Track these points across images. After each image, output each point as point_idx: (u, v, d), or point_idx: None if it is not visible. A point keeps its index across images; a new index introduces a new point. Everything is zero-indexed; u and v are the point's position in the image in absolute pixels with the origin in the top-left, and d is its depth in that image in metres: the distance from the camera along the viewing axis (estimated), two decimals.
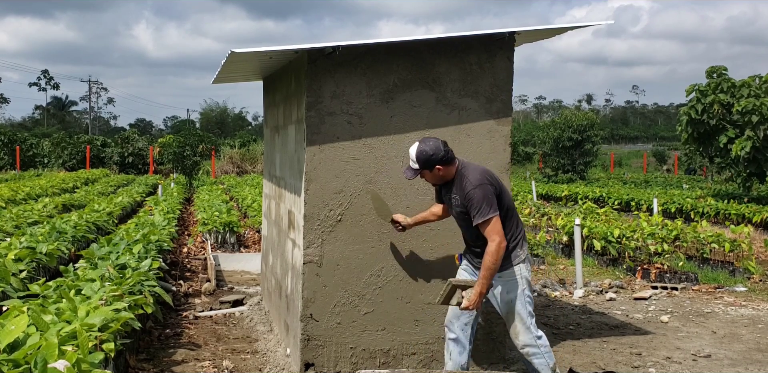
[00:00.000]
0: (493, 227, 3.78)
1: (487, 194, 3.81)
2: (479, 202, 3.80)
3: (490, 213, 3.78)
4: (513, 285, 3.97)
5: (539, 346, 4.00)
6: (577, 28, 4.98)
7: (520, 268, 3.98)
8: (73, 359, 3.24)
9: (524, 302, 3.98)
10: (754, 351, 5.61)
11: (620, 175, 33.37)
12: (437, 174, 3.95)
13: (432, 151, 3.87)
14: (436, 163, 3.89)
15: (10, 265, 5.99)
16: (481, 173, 3.90)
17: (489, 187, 3.84)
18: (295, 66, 4.95)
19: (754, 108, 15.68)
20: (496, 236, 3.77)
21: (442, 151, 3.88)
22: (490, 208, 3.79)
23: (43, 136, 43.74)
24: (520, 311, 3.98)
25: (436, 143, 3.90)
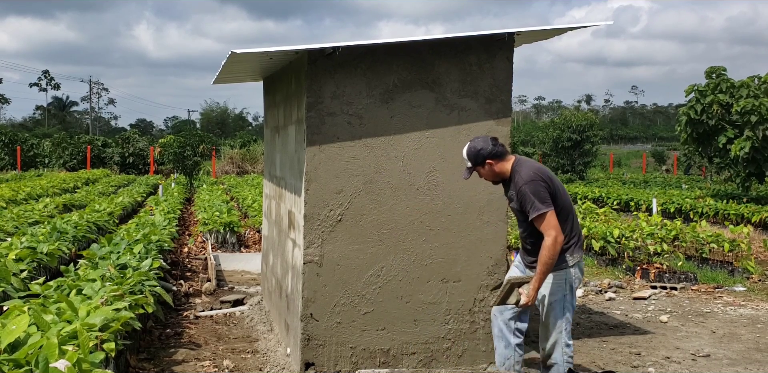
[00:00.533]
0: (548, 222, 3.76)
1: (539, 189, 3.81)
2: (531, 197, 3.80)
3: (543, 208, 3.78)
4: (556, 288, 3.94)
5: (564, 354, 3.97)
6: (577, 28, 4.99)
7: (567, 272, 3.92)
8: (74, 359, 3.25)
9: (563, 307, 3.94)
10: (753, 351, 5.63)
11: (619, 176, 33.36)
12: (490, 170, 3.98)
13: (480, 146, 3.93)
14: (485, 157, 3.93)
15: (11, 265, 6.01)
16: (534, 170, 3.89)
17: (541, 183, 3.83)
18: (296, 66, 4.97)
19: (753, 108, 15.69)
20: (552, 230, 3.75)
21: (491, 146, 3.93)
22: (543, 203, 3.79)
23: (44, 137, 43.73)
24: (558, 317, 3.96)
25: (485, 139, 3.97)
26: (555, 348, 3.99)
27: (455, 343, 4.76)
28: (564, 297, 3.94)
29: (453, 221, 4.71)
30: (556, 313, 3.97)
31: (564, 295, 3.94)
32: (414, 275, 4.67)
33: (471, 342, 4.79)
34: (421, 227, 4.66)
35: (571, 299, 3.98)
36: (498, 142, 3.98)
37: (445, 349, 4.75)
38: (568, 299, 3.96)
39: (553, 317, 3.97)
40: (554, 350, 3.99)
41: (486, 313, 4.80)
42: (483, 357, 4.82)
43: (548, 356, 4.03)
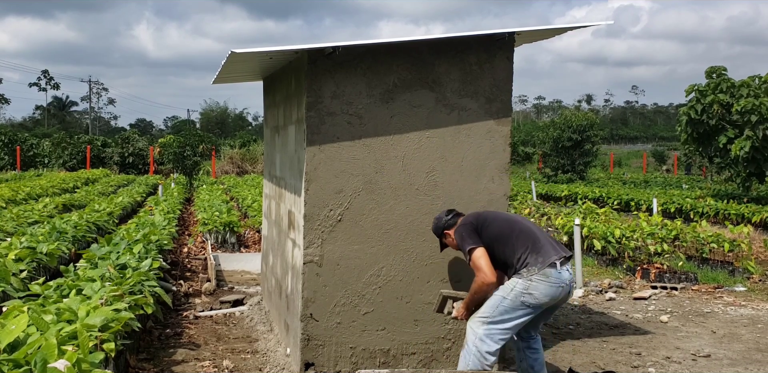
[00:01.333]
0: (475, 261, 3.98)
1: (462, 233, 4.09)
2: (459, 242, 4.11)
3: (467, 246, 4.02)
4: (501, 288, 3.97)
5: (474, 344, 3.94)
6: (577, 28, 4.99)
7: (518, 282, 3.91)
8: (74, 359, 3.25)
9: (497, 305, 3.93)
10: (753, 351, 5.62)
11: (620, 176, 33.36)
12: (450, 240, 4.28)
13: (436, 221, 4.34)
14: (442, 229, 4.30)
15: (11, 265, 6.00)
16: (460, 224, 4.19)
17: (461, 228, 4.13)
18: (296, 66, 4.96)
19: (754, 108, 15.69)
20: (480, 271, 3.96)
21: (443, 218, 4.30)
22: (467, 243, 4.03)
23: (44, 137, 43.72)
24: (488, 307, 3.95)
25: (441, 214, 4.36)
26: (470, 333, 3.98)
27: (455, 343, 4.75)
28: (503, 298, 3.92)
29: None
30: (488, 303, 3.96)
31: (503, 297, 3.92)
32: (414, 275, 4.66)
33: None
34: (421, 227, 4.65)
35: (508, 306, 3.91)
36: (452, 212, 4.31)
37: (445, 349, 4.74)
38: (505, 303, 3.91)
39: (484, 308, 3.98)
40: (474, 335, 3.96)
41: None
42: None
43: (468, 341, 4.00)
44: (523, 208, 14.88)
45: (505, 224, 4.09)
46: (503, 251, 4.00)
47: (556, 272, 3.89)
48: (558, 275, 3.90)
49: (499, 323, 3.94)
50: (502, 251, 4.01)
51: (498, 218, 4.15)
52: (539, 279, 3.87)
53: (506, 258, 4.00)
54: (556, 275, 3.89)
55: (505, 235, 4.03)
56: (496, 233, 4.04)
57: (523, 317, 3.95)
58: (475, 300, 4.04)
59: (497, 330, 3.94)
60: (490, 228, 4.06)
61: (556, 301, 3.97)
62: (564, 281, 3.92)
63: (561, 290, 3.92)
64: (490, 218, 4.14)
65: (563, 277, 3.91)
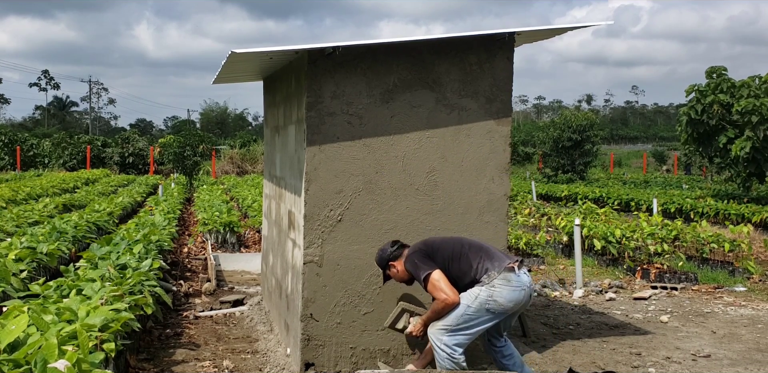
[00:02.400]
0: (435, 284, 3.98)
1: (415, 260, 4.08)
2: (413, 270, 4.08)
3: (423, 272, 4.01)
4: (465, 296, 3.97)
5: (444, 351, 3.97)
6: (577, 28, 4.99)
7: (482, 289, 3.94)
8: (74, 359, 3.24)
9: (460, 314, 3.95)
10: (753, 351, 5.62)
11: (620, 176, 33.37)
12: (395, 271, 4.25)
13: (381, 253, 4.29)
14: (387, 260, 4.25)
15: (11, 265, 6.00)
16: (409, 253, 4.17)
17: (412, 257, 4.11)
18: (296, 66, 4.96)
19: (754, 108, 15.69)
20: (441, 293, 3.96)
21: (388, 250, 4.25)
22: (421, 271, 4.02)
23: (44, 137, 43.72)
24: (449, 318, 3.97)
25: (386, 246, 4.30)
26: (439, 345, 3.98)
27: None
28: (467, 306, 3.94)
29: (453, 221, 4.70)
30: (452, 315, 3.97)
31: (468, 305, 3.94)
32: None
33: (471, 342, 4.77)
34: (421, 227, 4.65)
35: (473, 314, 3.94)
36: (397, 243, 4.27)
37: None
38: (470, 311, 3.94)
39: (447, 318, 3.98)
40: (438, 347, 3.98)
41: None
42: (483, 357, 4.81)
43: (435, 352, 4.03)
44: (523, 208, 14.89)
45: (455, 243, 4.16)
46: (459, 268, 4.04)
47: (516, 276, 3.96)
48: (518, 278, 3.96)
49: (463, 330, 3.98)
50: (458, 267, 4.04)
51: (445, 240, 4.22)
52: (501, 284, 3.92)
53: (463, 273, 4.03)
54: (516, 279, 3.95)
55: (456, 251, 4.09)
56: (449, 252, 4.09)
57: (487, 323, 3.99)
58: (434, 319, 4.06)
59: (461, 336, 4.00)
60: (442, 250, 4.10)
61: (519, 306, 4.01)
62: (525, 284, 3.98)
63: (523, 294, 3.97)
64: (438, 241, 4.19)
65: (523, 280, 3.98)
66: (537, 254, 9.83)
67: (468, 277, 4.02)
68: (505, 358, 4.25)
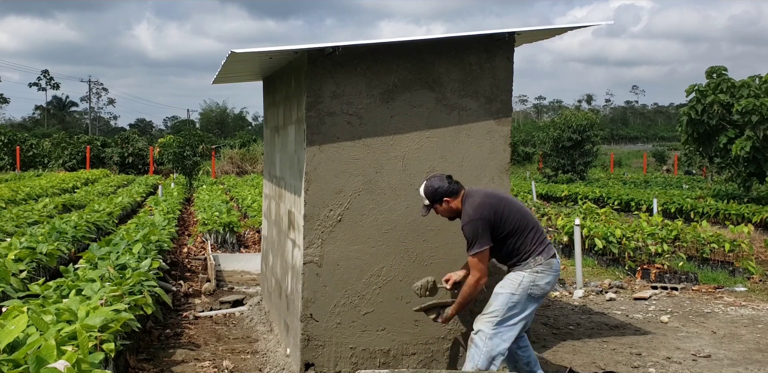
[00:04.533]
0: (477, 263, 4.01)
1: (476, 229, 4.00)
2: (469, 237, 4.04)
3: (475, 248, 4.00)
4: (508, 285, 4.06)
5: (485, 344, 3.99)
6: (577, 28, 4.98)
7: (524, 274, 4.04)
8: (73, 359, 3.24)
9: (506, 302, 4.02)
10: (753, 351, 5.62)
11: (620, 176, 33.37)
12: (447, 207, 4.17)
13: (437, 185, 4.12)
14: (442, 195, 4.13)
15: (10, 265, 6.00)
16: (475, 207, 4.06)
17: (479, 222, 4.01)
18: (295, 66, 4.95)
19: (754, 108, 15.68)
20: (477, 272, 4.01)
21: (446, 184, 4.12)
22: (476, 243, 4.00)
23: (43, 137, 43.70)
24: (497, 308, 4.03)
25: (441, 178, 4.16)
26: (479, 336, 4.02)
27: (455, 343, 4.75)
28: (511, 295, 4.02)
29: (453, 222, 4.69)
30: (496, 303, 4.05)
31: (512, 293, 4.03)
32: (414, 276, 4.66)
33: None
34: (421, 227, 4.64)
35: (518, 301, 4.01)
36: (452, 179, 4.18)
37: (445, 349, 4.74)
38: (514, 299, 4.02)
39: (492, 307, 4.05)
40: (481, 340, 4.01)
41: None
42: None
43: (472, 340, 4.07)
44: None
45: (521, 219, 4.12)
46: (514, 243, 4.08)
47: (556, 262, 4.12)
48: (557, 265, 4.12)
49: (509, 319, 4.02)
50: (514, 243, 4.08)
51: (512, 211, 4.12)
52: (543, 269, 4.04)
53: (516, 251, 4.09)
54: (556, 266, 4.11)
55: (521, 228, 4.09)
56: (514, 227, 4.08)
57: (529, 310, 4.08)
58: (466, 303, 4.13)
59: (506, 328, 4.02)
60: (507, 223, 4.07)
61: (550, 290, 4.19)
62: (558, 270, 4.16)
63: (557, 279, 4.17)
64: (506, 212, 4.08)
65: (558, 266, 4.17)
66: None
67: (518, 255, 4.09)
68: (521, 349, 4.28)
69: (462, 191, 4.18)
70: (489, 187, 4.73)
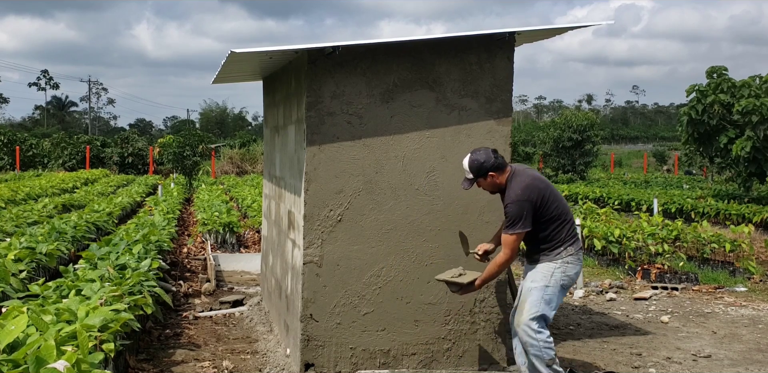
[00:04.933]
0: (512, 242, 4.04)
1: (522, 209, 4.00)
2: (512, 217, 4.03)
3: (516, 228, 4.01)
4: (540, 277, 4.12)
5: (537, 339, 4.06)
6: (577, 28, 4.98)
7: (555, 265, 4.11)
8: (73, 360, 3.23)
9: (541, 296, 4.09)
10: (754, 351, 5.61)
11: (620, 176, 33.36)
12: (492, 181, 4.16)
13: (483, 159, 4.09)
14: (488, 170, 4.10)
15: (10, 265, 5.99)
16: (523, 187, 4.05)
17: (525, 203, 4.01)
18: (295, 66, 4.95)
19: (755, 108, 15.67)
20: (509, 251, 4.05)
21: (492, 158, 4.10)
22: (518, 224, 4.00)
23: (43, 137, 43.70)
24: (533, 303, 4.09)
25: (486, 151, 4.13)
26: (526, 332, 4.06)
27: (456, 344, 4.74)
28: (545, 287, 4.09)
29: (453, 221, 4.69)
30: (532, 299, 4.10)
31: (546, 285, 4.09)
32: (414, 276, 4.65)
33: (471, 343, 4.77)
34: (421, 227, 4.64)
35: (552, 293, 4.11)
36: (498, 153, 4.16)
37: (445, 350, 4.73)
38: (549, 291, 4.10)
39: (529, 303, 4.10)
40: (525, 335, 4.06)
41: (486, 313, 4.78)
42: (483, 358, 4.80)
43: (524, 343, 4.11)
44: None
45: (562, 207, 4.17)
46: (552, 230, 4.12)
47: (582, 253, 4.28)
48: (582, 256, 4.26)
49: (545, 310, 4.10)
50: (552, 229, 4.12)
51: (556, 198, 4.16)
52: (573, 261, 4.13)
53: (550, 236, 4.12)
54: (581, 257, 4.24)
55: (561, 216, 4.14)
56: (555, 214, 4.11)
57: (561, 298, 4.19)
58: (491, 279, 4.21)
59: (546, 317, 4.12)
60: (550, 209, 4.10)
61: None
62: (582, 261, 4.29)
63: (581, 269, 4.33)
64: (551, 199, 4.11)
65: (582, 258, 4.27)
66: None
67: (551, 242, 4.13)
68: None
69: (507, 166, 4.17)
70: None
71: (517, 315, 4.14)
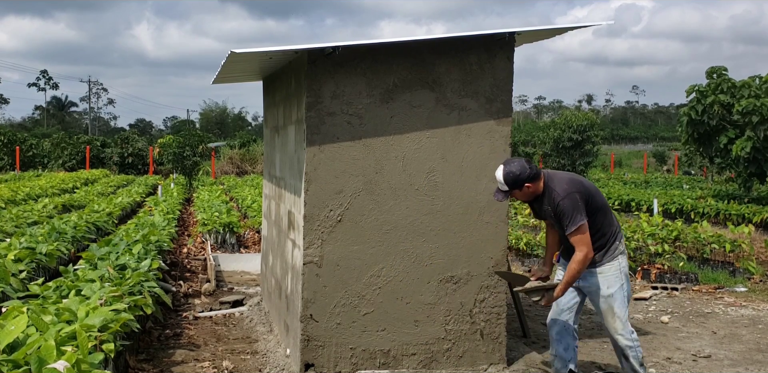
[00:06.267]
0: (581, 238, 3.97)
1: (575, 201, 3.99)
2: (569, 212, 3.98)
3: (577, 222, 3.96)
4: (613, 280, 4.14)
5: (633, 340, 4.19)
6: (578, 28, 4.98)
7: (620, 261, 4.14)
8: (73, 360, 3.24)
9: (623, 297, 4.14)
10: (754, 351, 5.61)
11: (620, 176, 33.35)
12: (527, 191, 4.10)
13: (518, 171, 4.02)
14: (524, 181, 4.04)
15: (10, 265, 5.99)
16: (567, 183, 4.06)
17: (576, 195, 4.02)
18: (295, 66, 4.95)
19: (755, 108, 15.67)
20: (584, 247, 3.97)
21: (528, 169, 4.03)
22: (576, 217, 3.97)
23: (43, 137, 43.68)
24: (620, 307, 4.14)
25: (521, 162, 4.06)
26: (626, 337, 4.18)
27: (456, 344, 4.74)
28: (622, 286, 4.15)
29: (453, 221, 4.69)
30: (619, 303, 4.15)
31: (622, 284, 4.15)
32: (414, 276, 4.65)
33: (471, 343, 4.77)
34: (421, 227, 4.64)
35: (627, 287, 4.18)
36: (531, 163, 4.11)
37: (445, 350, 4.73)
38: (626, 287, 4.17)
39: (618, 307, 4.15)
40: (625, 339, 4.18)
41: (486, 313, 4.78)
42: (483, 358, 4.80)
43: (625, 347, 4.20)
44: (523, 208, 14.87)
45: (603, 196, 4.19)
46: (602, 222, 4.11)
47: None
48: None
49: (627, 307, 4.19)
50: (601, 221, 4.11)
51: (596, 189, 4.18)
52: (625, 251, 4.19)
53: (602, 228, 4.11)
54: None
55: (605, 206, 4.17)
56: (601, 203, 4.12)
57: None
58: (575, 279, 4.06)
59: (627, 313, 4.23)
60: (596, 199, 4.10)
61: None
62: None
63: None
64: (592, 189, 4.13)
65: None
66: (537, 255, 9.80)
67: (604, 236, 4.11)
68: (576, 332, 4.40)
69: (541, 173, 4.13)
70: (489, 186, 4.73)
71: (610, 323, 4.18)
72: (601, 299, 4.18)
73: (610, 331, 4.23)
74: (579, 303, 4.33)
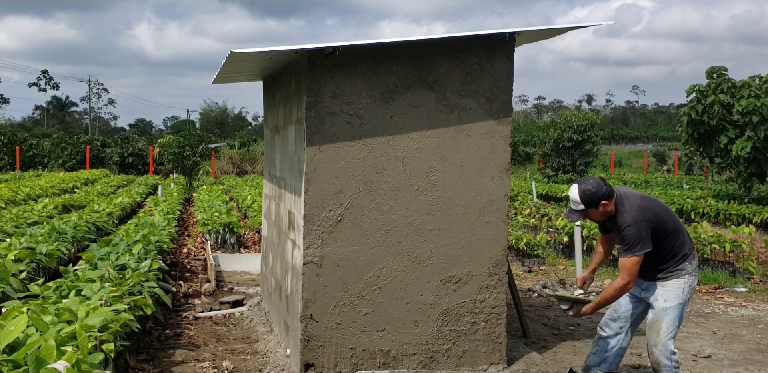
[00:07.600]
0: (631, 266, 3.94)
1: (641, 230, 3.93)
2: (631, 240, 3.94)
3: (635, 250, 3.92)
4: (673, 295, 4.08)
5: (672, 360, 4.11)
6: (578, 28, 4.98)
7: (685, 280, 4.07)
8: (73, 360, 3.23)
9: (676, 315, 4.08)
10: (754, 352, 5.61)
11: (620, 176, 33.34)
12: (603, 210, 4.04)
13: (595, 189, 3.98)
14: (600, 199, 3.98)
15: (10, 265, 5.99)
16: (636, 210, 3.98)
17: (643, 223, 3.94)
18: (296, 66, 4.95)
19: (755, 108, 15.67)
20: (628, 276, 3.95)
21: (603, 186, 3.99)
22: (638, 245, 3.92)
23: (43, 137, 43.70)
24: (670, 323, 4.08)
25: (596, 180, 4.03)
26: (663, 353, 4.09)
27: (456, 344, 4.74)
28: (680, 305, 4.08)
29: (453, 221, 4.69)
30: (669, 318, 4.08)
31: (680, 303, 4.07)
32: (414, 276, 4.65)
33: (471, 343, 4.77)
34: (421, 227, 4.64)
35: (684, 309, 4.12)
36: (605, 181, 4.06)
37: (445, 350, 4.73)
38: (682, 308, 4.10)
39: (666, 323, 4.08)
40: (661, 356, 4.10)
41: (486, 313, 4.78)
42: (483, 358, 4.80)
43: (657, 363, 4.13)
44: (523, 208, 14.87)
45: (675, 221, 4.12)
46: (673, 245, 4.06)
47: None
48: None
49: (677, 328, 4.13)
50: (672, 244, 4.06)
51: (668, 212, 4.12)
52: (695, 272, 4.12)
53: (673, 250, 4.06)
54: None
55: (678, 229, 4.10)
56: (672, 228, 4.07)
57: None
58: (607, 303, 4.14)
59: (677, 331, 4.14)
60: (666, 224, 4.04)
61: None
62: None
63: None
64: (663, 214, 4.06)
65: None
66: (537, 255, 9.81)
67: (674, 257, 4.07)
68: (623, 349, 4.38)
69: (614, 192, 4.07)
70: (489, 186, 4.73)
71: (653, 335, 4.12)
72: (654, 310, 4.13)
73: (648, 342, 4.16)
74: (636, 314, 4.29)
